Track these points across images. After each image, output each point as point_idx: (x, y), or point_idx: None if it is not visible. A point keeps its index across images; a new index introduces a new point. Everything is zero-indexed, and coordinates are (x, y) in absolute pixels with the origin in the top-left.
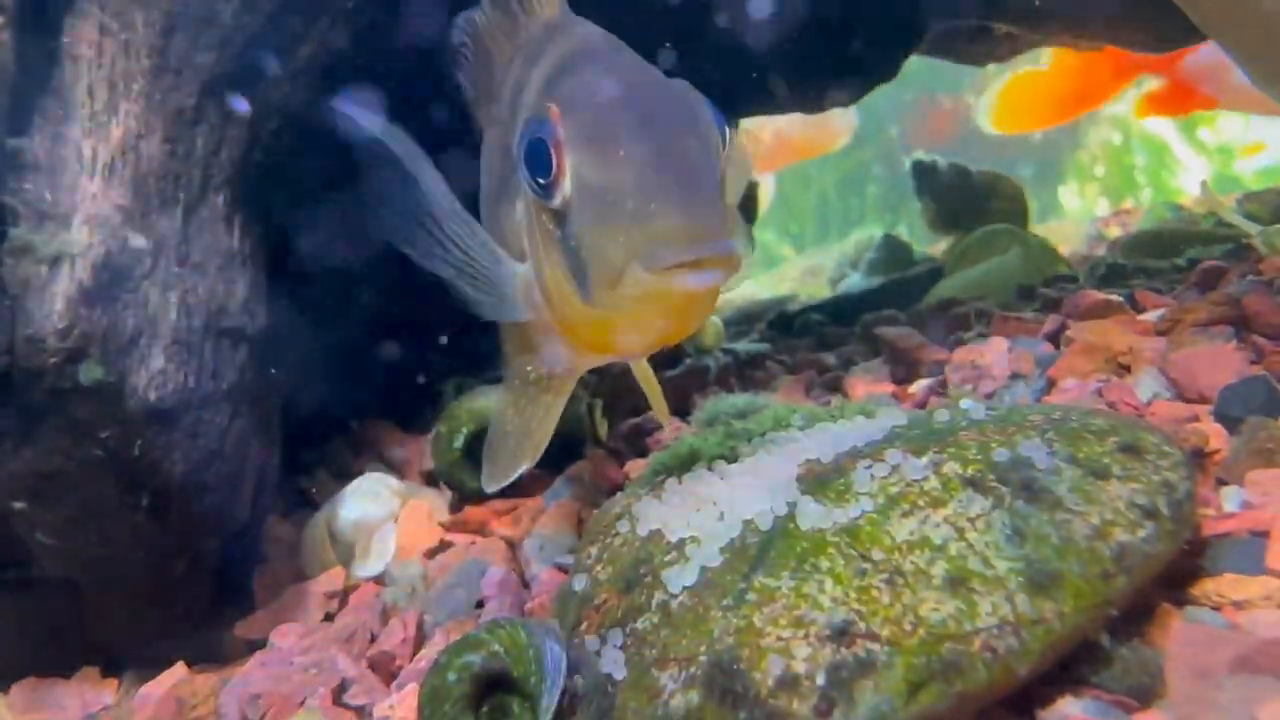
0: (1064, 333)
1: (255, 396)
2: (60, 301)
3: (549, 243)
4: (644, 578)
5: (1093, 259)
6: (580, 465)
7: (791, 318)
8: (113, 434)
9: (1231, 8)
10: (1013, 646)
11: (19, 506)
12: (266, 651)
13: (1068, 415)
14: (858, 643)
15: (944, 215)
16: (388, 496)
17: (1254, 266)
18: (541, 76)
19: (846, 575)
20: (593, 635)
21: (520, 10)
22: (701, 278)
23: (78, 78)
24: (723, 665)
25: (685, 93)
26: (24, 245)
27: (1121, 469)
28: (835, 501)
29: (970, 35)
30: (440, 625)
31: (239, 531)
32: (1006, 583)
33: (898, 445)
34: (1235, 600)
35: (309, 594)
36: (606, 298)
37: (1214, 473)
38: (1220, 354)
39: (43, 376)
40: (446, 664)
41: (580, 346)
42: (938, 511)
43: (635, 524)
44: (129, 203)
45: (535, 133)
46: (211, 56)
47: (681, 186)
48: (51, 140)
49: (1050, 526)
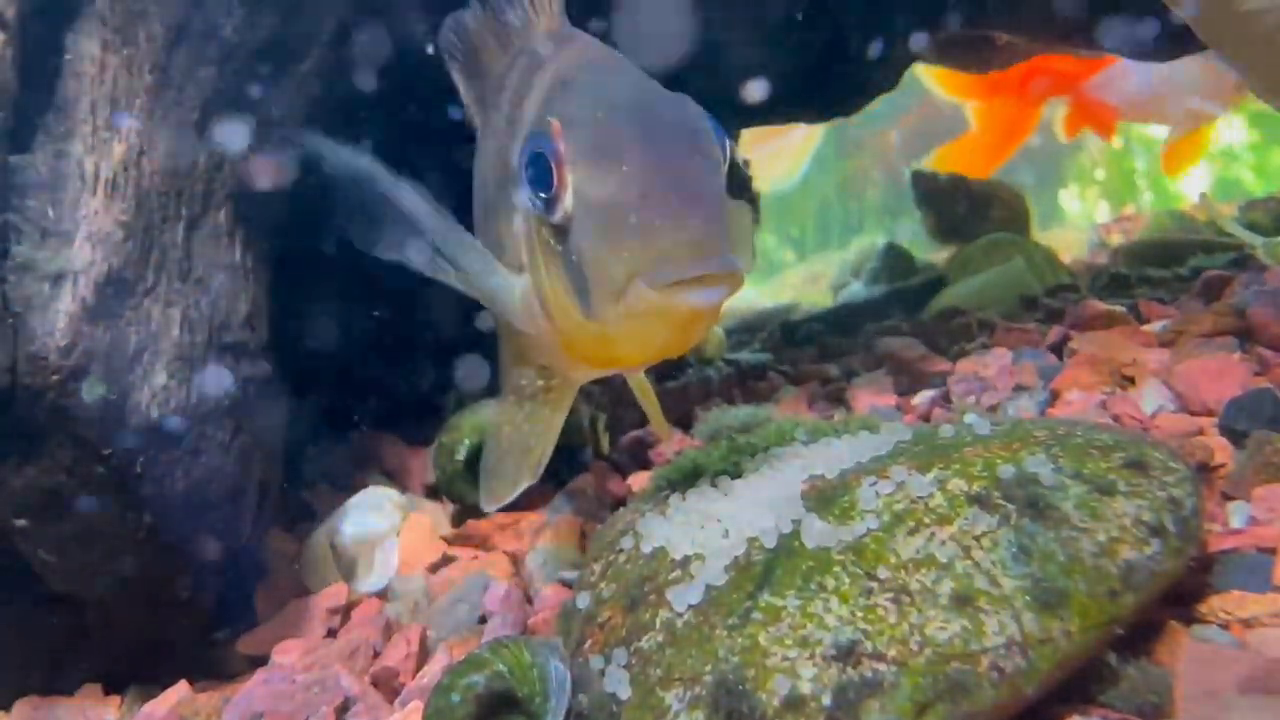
0: (1067, 344)
1: (258, 412)
2: (62, 319)
3: (549, 257)
4: (648, 596)
5: (1095, 267)
6: (582, 478)
7: (794, 327)
8: (115, 451)
9: (1232, 21)
10: (1020, 666)
11: (21, 524)
12: (269, 669)
13: (1072, 430)
14: (864, 662)
15: (944, 225)
16: (390, 510)
17: (1257, 276)
18: (541, 89)
19: (852, 594)
20: (597, 654)
21: (517, 20)
22: (705, 295)
23: (80, 94)
24: (728, 685)
25: (686, 107)
26: (26, 262)
27: (1127, 485)
28: (840, 519)
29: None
30: (443, 641)
31: (241, 547)
32: (1013, 601)
33: (902, 461)
34: (1243, 618)
35: (311, 609)
36: (608, 313)
37: (1220, 487)
38: (1225, 366)
39: (45, 394)
40: (450, 685)
41: (579, 360)
42: (943, 529)
43: (639, 541)
44: (131, 219)
45: (536, 147)
46: (213, 72)
47: (685, 202)
48: (54, 157)
49: (1056, 544)
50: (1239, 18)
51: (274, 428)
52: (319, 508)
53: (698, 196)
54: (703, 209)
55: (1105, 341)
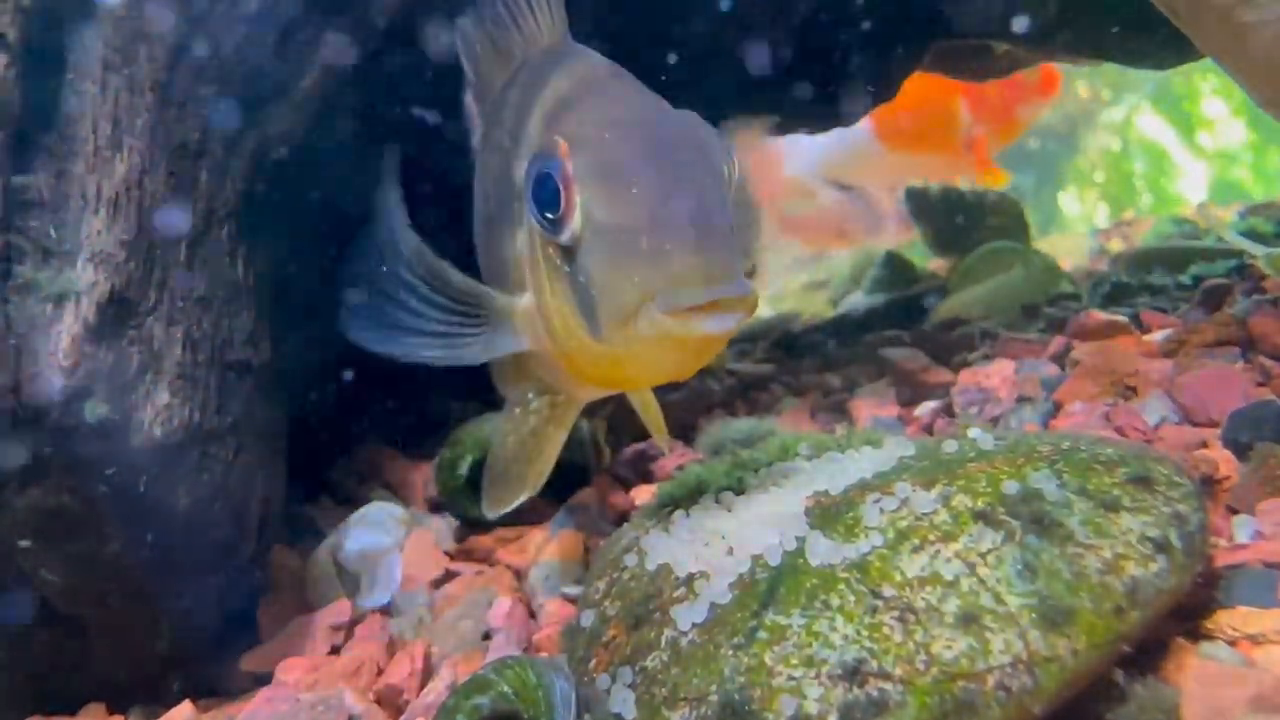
0: (1069, 354)
1: (260, 429)
2: (65, 339)
3: (555, 277)
4: (653, 614)
5: (1096, 275)
6: (585, 493)
7: (795, 337)
8: (118, 471)
9: (1231, 33)
10: (1026, 685)
11: (24, 544)
12: (273, 687)
13: (1076, 445)
14: (870, 682)
15: (941, 237)
16: (393, 525)
17: (1258, 285)
18: (546, 107)
19: (857, 613)
20: (602, 673)
21: (519, 36)
22: (717, 321)
23: (82, 113)
24: (734, 705)
25: (694, 125)
26: (29, 283)
27: (1132, 501)
28: (844, 536)
29: (969, 52)
30: (447, 657)
31: (244, 564)
32: (1019, 619)
33: (906, 477)
34: (1250, 634)
35: (315, 626)
36: (617, 336)
37: (1224, 500)
38: (1227, 376)
39: (48, 415)
40: (455, 706)
41: (585, 380)
42: (948, 546)
43: (643, 558)
44: (133, 238)
45: (543, 167)
46: (214, 90)
47: (696, 226)
48: (56, 177)
49: (1062, 561)
50: (1238, 29)
51: (277, 444)
52: (322, 523)
53: (709, 218)
54: (714, 232)
55: (1107, 352)
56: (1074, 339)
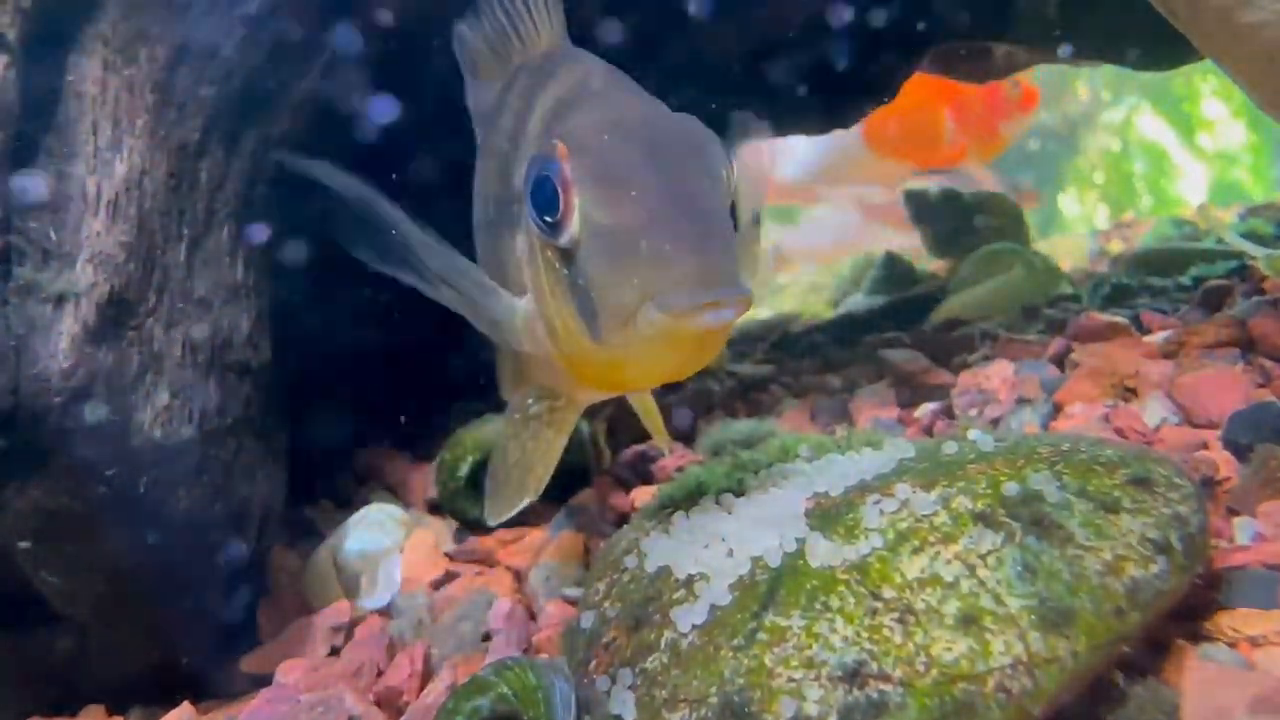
0: (1069, 355)
1: (260, 430)
2: (65, 341)
3: (555, 280)
4: (653, 615)
5: (1095, 276)
6: (585, 494)
7: (795, 338)
8: (118, 472)
9: (1233, 34)
10: (1026, 687)
11: (24, 545)
12: (273, 688)
13: (1076, 446)
14: (870, 683)
15: (941, 239)
16: (393, 526)
17: (1258, 286)
18: (545, 110)
19: (857, 614)
20: (602, 675)
21: (518, 40)
22: (715, 317)
23: (82, 114)
24: (734, 707)
25: (692, 128)
26: (29, 284)
27: (1132, 502)
28: (844, 538)
29: (969, 53)
30: (447, 659)
31: (244, 565)
32: (1019, 621)
33: (906, 479)
34: (1250, 636)
35: (315, 627)
36: (617, 338)
37: (1225, 502)
38: (1227, 377)
39: (48, 416)
40: (455, 708)
41: (585, 383)
42: (948, 548)
43: (643, 560)
44: (133, 239)
45: (542, 169)
46: (214, 91)
47: (694, 227)
48: (56, 178)
49: (1062, 562)
50: (1239, 30)
51: (277, 445)
52: (322, 524)
53: (707, 220)
54: (712, 233)
55: (1107, 353)
56: (1074, 340)
